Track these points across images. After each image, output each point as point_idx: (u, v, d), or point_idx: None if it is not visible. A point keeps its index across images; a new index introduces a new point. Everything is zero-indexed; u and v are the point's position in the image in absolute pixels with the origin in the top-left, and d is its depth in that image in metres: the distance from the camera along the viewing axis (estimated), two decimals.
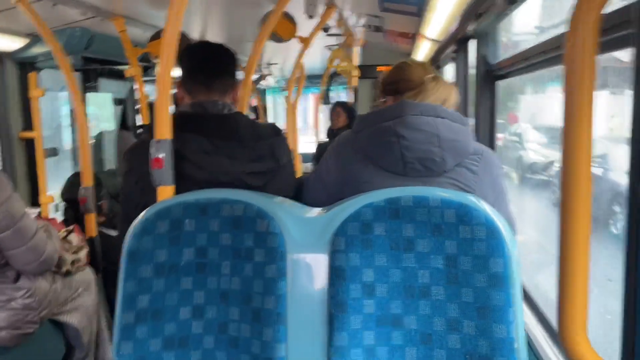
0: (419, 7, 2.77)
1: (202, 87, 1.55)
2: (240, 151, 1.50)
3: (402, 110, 1.41)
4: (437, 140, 1.37)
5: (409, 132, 1.38)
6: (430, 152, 1.37)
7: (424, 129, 1.38)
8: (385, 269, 1.14)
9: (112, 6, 2.76)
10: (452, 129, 1.40)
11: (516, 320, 1.06)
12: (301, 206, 1.30)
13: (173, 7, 1.29)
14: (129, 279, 1.21)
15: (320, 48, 5.01)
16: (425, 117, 1.39)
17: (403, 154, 1.38)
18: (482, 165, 1.43)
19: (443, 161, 1.38)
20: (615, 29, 1.00)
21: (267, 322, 1.16)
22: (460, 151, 1.40)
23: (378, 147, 1.42)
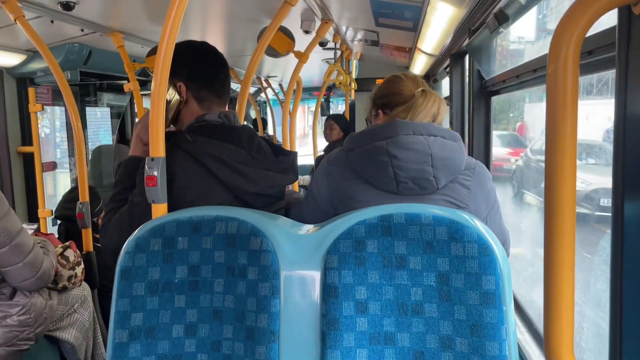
0: (413, 22, 2.80)
1: (216, 99, 1.54)
2: (274, 164, 1.52)
3: (394, 129, 1.41)
4: (430, 159, 1.38)
5: (402, 152, 1.38)
6: (423, 172, 1.38)
7: (417, 148, 1.38)
8: (378, 286, 1.14)
9: (110, 22, 2.78)
10: (445, 147, 1.40)
11: (509, 337, 1.07)
12: (294, 223, 1.31)
13: (168, 22, 1.30)
14: (122, 296, 1.21)
15: (317, 61, 5.04)
16: (417, 136, 1.40)
17: (396, 174, 1.39)
18: (474, 180, 1.44)
19: (436, 180, 1.39)
20: (599, 51, 1.02)
21: (261, 340, 1.16)
22: (453, 169, 1.41)
23: (371, 167, 1.42)
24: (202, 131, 1.47)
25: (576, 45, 0.77)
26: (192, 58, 1.53)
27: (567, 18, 0.78)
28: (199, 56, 1.55)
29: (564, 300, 0.85)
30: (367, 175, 1.43)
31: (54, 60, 2.48)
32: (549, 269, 0.86)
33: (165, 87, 1.36)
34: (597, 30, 1.05)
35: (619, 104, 0.85)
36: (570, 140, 0.80)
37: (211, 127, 1.49)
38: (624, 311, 0.89)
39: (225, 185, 1.43)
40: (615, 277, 0.91)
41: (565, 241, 0.84)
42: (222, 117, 1.51)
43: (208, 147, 1.43)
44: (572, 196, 0.82)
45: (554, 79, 0.80)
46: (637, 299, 0.87)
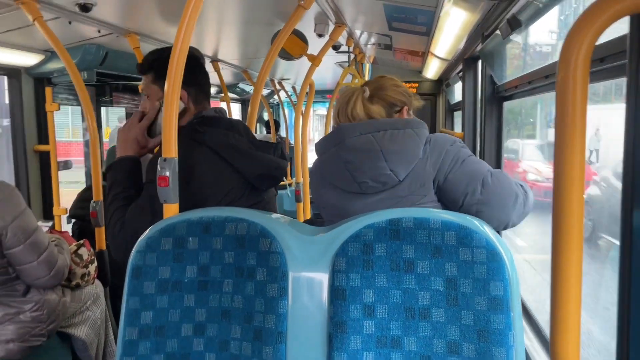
0: (427, 27, 2.80)
1: (206, 97, 1.67)
2: (270, 149, 1.61)
3: (340, 134, 1.45)
4: (381, 155, 1.39)
5: (352, 154, 1.41)
6: (378, 168, 1.39)
7: (366, 147, 1.40)
8: (385, 290, 1.15)
9: (127, 23, 2.82)
10: (397, 139, 1.40)
11: (516, 344, 1.06)
12: (304, 225, 1.32)
13: (182, 25, 1.32)
14: (132, 294, 1.23)
15: (330, 64, 5.06)
16: (365, 135, 1.41)
17: (354, 176, 1.41)
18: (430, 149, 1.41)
19: (395, 173, 1.39)
20: (609, 59, 1.02)
21: (268, 341, 1.17)
22: (409, 157, 1.39)
23: (333, 173, 1.47)
24: (206, 124, 1.58)
25: (587, 52, 0.77)
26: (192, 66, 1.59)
27: (578, 25, 0.78)
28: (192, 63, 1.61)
29: (571, 305, 0.85)
30: (332, 181, 1.48)
31: (71, 61, 2.52)
32: (556, 274, 0.86)
33: (179, 89, 1.38)
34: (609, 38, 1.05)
35: (630, 111, 0.84)
36: (579, 146, 0.80)
37: (212, 120, 1.60)
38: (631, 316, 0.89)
39: (236, 169, 1.53)
40: (623, 283, 0.90)
41: (573, 246, 0.84)
42: (217, 111, 1.64)
43: (219, 136, 1.54)
44: (579, 201, 0.82)
45: (564, 85, 0.80)
46: None
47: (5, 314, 1.89)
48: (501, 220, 1.41)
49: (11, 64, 3.09)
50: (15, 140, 3.26)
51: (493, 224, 1.39)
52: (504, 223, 1.42)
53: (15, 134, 3.26)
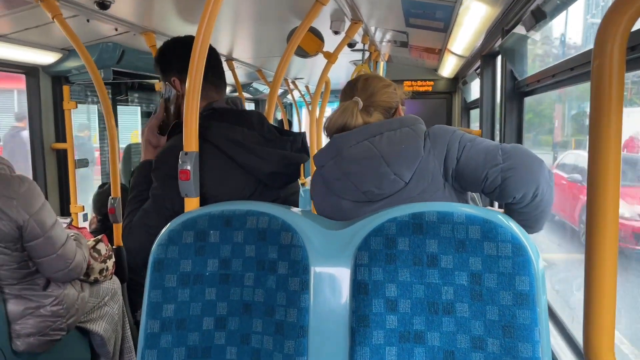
0: (445, 22, 2.77)
1: (212, 87, 1.58)
2: (287, 144, 1.54)
3: (335, 147, 1.40)
4: (382, 160, 1.33)
5: (351, 165, 1.35)
6: (381, 175, 1.33)
7: (365, 155, 1.34)
8: (408, 285, 1.13)
9: (144, 21, 2.83)
10: (393, 140, 1.35)
11: (542, 340, 1.04)
12: (325, 219, 1.31)
13: (203, 23, 1.32)
14: (154, 288, 1.23)
15: (344, 63, 5.04)
16: (362, 142, 1.36)
17: (357, 186, 1.36)
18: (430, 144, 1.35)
19: (399, 175, 1.34)
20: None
21: (290, 334, 1.16)
22: (411, 156, 1.34)
23: (336, 184, 1.41)
24: (213, 117, 1.52)
25: (622, 39, 0.76)
26: (181, 53, 1.55)
27: (612, 11, 0.76)
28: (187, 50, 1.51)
29: (606, 301, 0.83)
30: (337, 191, 1.42)
31: (90, 59, 2.54)
32: (590, 269, 0.84)
33: (199, 85, 1.38)
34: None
35: None
36: (615, 137, 0.78)
37: (221, 113, 1.54)
38: None
39: (243, 167, 1.46)
40: None
41: (608, 241, 0.82)
42: (229, 103, 1.57)
43: (223, 131, 1.47)
44: (615, 195, 0.80)
45: (599, 74, 0.78)
46: None
47: (26, 308, 1.91)
48: (530, 183, 1.28)
49: (30, 62, 3.12)
50: (33, 138, 3.29)
51: (523, 189, 1.29)
52: (534, 186, 1.29)
53: (33, 132, 3.29)
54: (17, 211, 1.80)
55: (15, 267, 1.87)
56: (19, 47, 2.84)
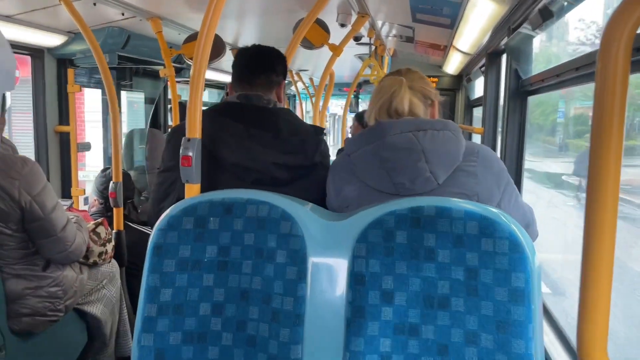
0: (451, 19, 2.77)
1: (245, 84, 1.65)
2: (273, 142, 1.54)
3: (380, 131, 1.37)
4: (422, 155, 1.32)
5: (392, 153, 1.33)
6: (417, 170, 1.32)
7: (407, 146, 1.33)
8: (405, 277, 1.14)
9: (151, 7, 2.83)
10: (437, 139, 1.34)
11: (535, 336, 1.05)
12: (325, 210, 1.32)
13: (209, 10, 1.33)
14: (153, 272, 1.24)
15: (349, 56, 5.03)
16: (405, 133, 1.34)
17: (391, 176, 1.35)
18: (480, 164, 1.36)
19: (434, 175, 1.33)
20: None
21: (285, 323, 1.17)
22: (450, 160, 1.34)
23: (368, 171, 1.39)
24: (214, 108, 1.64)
25: (628, 41, 0.76)
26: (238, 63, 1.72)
27: (619, 12, 0.76)
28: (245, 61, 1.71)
29: (601, 301, 0.84)
30: (366, 179, 1.40)
31: (96, 43, 2.54)
32: (586, 270, 0.85)
33: (204, 72, 1.39)
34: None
35: None
36: (617, 138, 0.78)
37: (224, 105, 1.64)
38: None
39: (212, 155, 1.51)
40: None
41: (605, 243, 0.82)
42: (241, 97, 1.62)
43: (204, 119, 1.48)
44: (614, 196, 0.80)
45: (604, 75, 0.78)
46: None
47: (25, 288, 1.92)
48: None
49: (35, 44, 3.12)
50: (36, 120, 3.29)
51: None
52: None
53: (37, 114, 3.29)
54: (20, 192, 1.81)
55: (15, 247, 1.88)
56: (25, 28, 2.84)
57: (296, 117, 1.73)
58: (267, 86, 1.65)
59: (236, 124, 1.54)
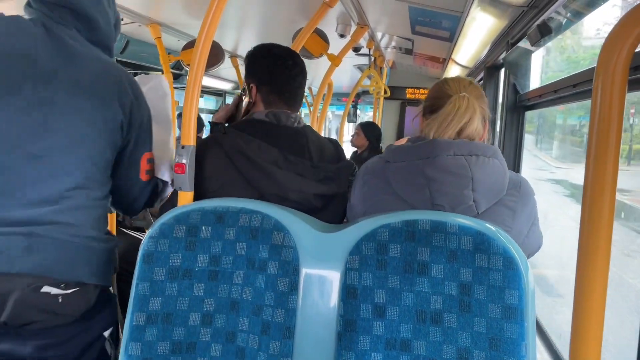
0: (450, 32, 2.78)
1: (284, 106, 1.53)
2: (311, 171, 1.46)
3: (433, 149, 1.30)
4: (470, 183, 1.27)
5: (440, 174, 1.27)
6: (462, 197, 1.27)
7: (457, 171, 1.27)
8: (397, 291, 1.13)
9: (150, 13, 2.83)
10: (487, 168, 1.28)
11: (528, 354, 1.04)
12: (318, 222, 1.30)
13: (208, 17, 1.32)
14: (142, 280, 1.22)
15: (348, 67, 5.05)
16: (458, 157, 1.28)
17: (433, 197, 1.28)
18: (520, 200, 1.32)
19: (476, 204, 1.28)
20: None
21: (276, 335, 1.16)
22: (496, 192, 1.30)
23: (407, 186, 1.32)
24: (242, 126, 1.48)
25: (626, 59, 0.75)
26: (269, 63, 1.54)
27: (617, 30, 0.76)
28: (276, 62, 1.54)
29: (594, 317, 0.83)
30: (403, 193, 1.33)
31: None
32: (580, 286, 0.84)
33: (201, 79, 1.38)
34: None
35: None
36: (614, 155, 0.78)
37: (253, 123, 1.49)
38: None
39: (248, 181, 1.41)
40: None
41: (599, 259, 0.81)
42: (269, 116, 1.50)
43: (236, 140, 1.42)
44: (610, 211, 0.79)
45: (601, 92, 0.78)
46: None
47: None
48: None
49: None
50: None
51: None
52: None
53: None
54: None
55: None
56: None
57: (319, 136, 1.61)
58: (298, 106, 1.57)
59: (271, 148, 1.43)
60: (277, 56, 1.55)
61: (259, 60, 1.55)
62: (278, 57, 1.55)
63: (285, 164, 1.43)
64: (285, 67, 1.53)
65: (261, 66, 1.54)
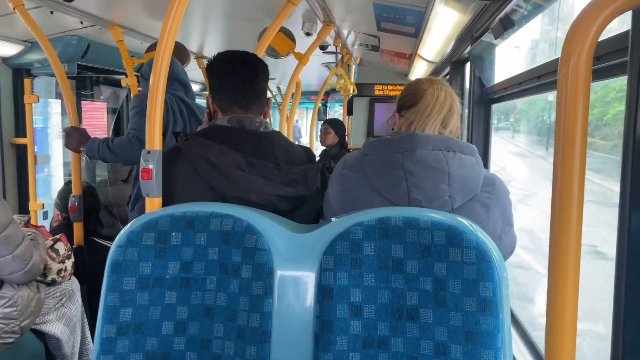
0: (415, 28, 2.79)
1: (237, 108, 1.52)
2: (275, 173, 1.45)
3: (412, 143, 1.31)
4: (447, 177, 1.29)
5: (418, 168, 1.29)
6: (438, 191, 1.29)
7: (434, 165, 1.29)
8: (373, 290, 1.12)
9: (110, 15, 2.76)
10: (463, 164, 1.31)
11: (504, 346, 1.05)
12: (291, 222, 1.29)
13: (169, 17, 1.29)
14: (111, 290, 1.18)
15: (316, 65, 5.04)
16: (436, 151, 1.30)
17: (410, 190, 1.30)
18: (494, 198, 1.34)
19: (452, 199, 1.30)
20: (610, 56, 1.00)
21: (252, 340, 1.14)
22: (471, 188, 1.32)
23: (384, 179, 1.33)
24: (204, 132, 1.48)
25: (589, 49, 0.76)
26: (217, 71, 1.53)
27: (580, 19, 0.77)
28: (223, 68, 1.53)
29: (568, 309, 0.83)
30: (379, 186, 1.34)
31: (53, 52, 2.46)
32: (553, 279, 0.84)
33: (164, 83, 1.34)
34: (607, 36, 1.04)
35: (630, 111, 0.83)
36: (581, 145, 0.78)
37: (216, 129, 1.48)
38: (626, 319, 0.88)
39: (210, 186, 1.40)
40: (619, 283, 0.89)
41: (571, 250, 0.82)
42: (232, 121, 1.49)
43: (197, 147, 1.42)
44: (579, 203, 0.80)
45: (565, 83, 0.78)
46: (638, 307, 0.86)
47: None
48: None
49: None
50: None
51: None
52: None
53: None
54: None
55: None
56: None
57: (287, 141, 1.62)
58: (260, 110, 1.55)
59: (234, 153, 1.43)
60: (224, 62, 1.54)
61: (209, 70, 1.55)
62: (225, 63, 1.53)
63: (248, 167, 1.43)
64: (233, 71, 1.51)
65: (211, 75, 1.54)
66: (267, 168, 1.44)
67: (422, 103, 1.38)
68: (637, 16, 0.83)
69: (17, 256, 1.85)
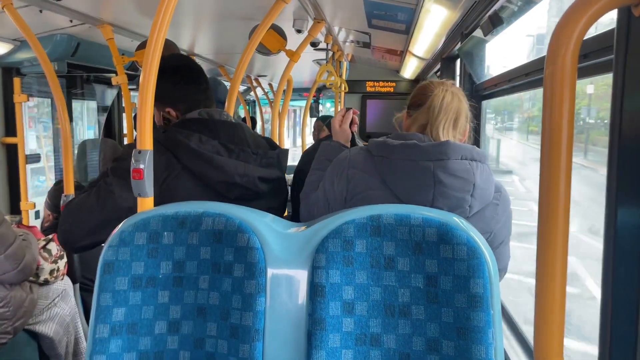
0: (406, 24, 2.80)
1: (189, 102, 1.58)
2: (253, 157, 1.52)
3: (445, 152, 1.29)
4: (472, 188, 1.29)
5: (449, 178, 1.28)
6: (462, 201, 1.29)
7: (463, 176, 1.29)
8: (365, 287, 1.13)
9: (100, 14, 2.74)
10: (484, 173, 1.31)
11: (495, 342, 1.06)
12: (283, 221, 1.29)
13: (159, 15, 1.28)
14: (104, 290, 1.18)
15: (308, 62, 5.03)
16: (464, 161, 1.29)
17: (435, 198, 1.29)
18: (501, 205, 1.36)
19: (470, 208, 1.30)
20: (596, 54, 1.01)
21: (245, 338, 1.14)
22: (486, 197, 1.33)
23: (409, 186, 1.31)
24: (180, 124, 1.53)
25: (575, 47, 0.77)
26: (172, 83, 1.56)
27: (566, 18, 0.77)
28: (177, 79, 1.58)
29: (556, 305, 0.85)
30: (400, 192, 1.32)
31: (42, 50, 2.44)
32: (541, 275, 0.85)
33: (154, 81, 1.34)
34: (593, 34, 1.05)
35: (615, 108, 0.84)
36: (567, 143, 0.79)
37: (190, 121, 1.54)
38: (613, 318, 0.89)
39: (193, 173, 1.45)
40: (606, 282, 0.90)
41: (558, 247, 0.83)
42: (202, 113, 1.55)
43: (177, 135, 1.46)
44: (566, 200, 0.81)
45: (552, 80, 0.79)
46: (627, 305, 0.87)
47: None
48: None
49: None
50: None
51: None
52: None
53: None
54: None
55: None
56: None
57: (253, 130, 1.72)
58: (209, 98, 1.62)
59: (211, 140, 1.47)
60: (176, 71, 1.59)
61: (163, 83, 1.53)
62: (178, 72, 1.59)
63: (227, 153, 1.48)
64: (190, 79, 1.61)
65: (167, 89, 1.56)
66: (245, 153, 1.51)
67: (429, 103, 1.39)
68: (622, 14, 0.84)
69: (9, 255, 1.85)
